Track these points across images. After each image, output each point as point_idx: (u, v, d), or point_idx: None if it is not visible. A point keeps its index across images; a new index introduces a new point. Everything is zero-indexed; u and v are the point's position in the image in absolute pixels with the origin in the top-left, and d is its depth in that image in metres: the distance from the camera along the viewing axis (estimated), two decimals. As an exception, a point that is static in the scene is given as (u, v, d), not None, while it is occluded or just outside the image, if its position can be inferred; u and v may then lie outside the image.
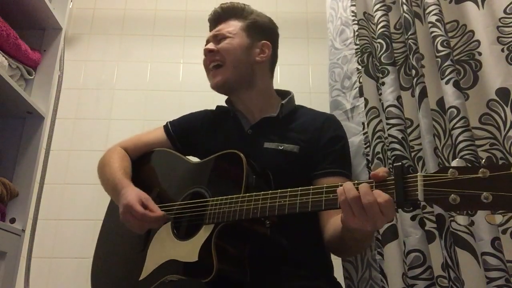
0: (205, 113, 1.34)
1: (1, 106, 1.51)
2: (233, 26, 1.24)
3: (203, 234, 0.96)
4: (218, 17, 1.28)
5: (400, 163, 0.78)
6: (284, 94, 1.30)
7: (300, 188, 0.87)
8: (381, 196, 0.75)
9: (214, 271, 0.88)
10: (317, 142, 1.15)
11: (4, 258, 1.36)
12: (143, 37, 2.39)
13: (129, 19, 2.42)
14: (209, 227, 0.95)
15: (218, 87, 1.22)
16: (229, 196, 0.95)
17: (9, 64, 1.48)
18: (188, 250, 0.96)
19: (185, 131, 1.30)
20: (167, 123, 1.34)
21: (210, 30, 1.29)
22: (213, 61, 1.21)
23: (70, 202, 2.07)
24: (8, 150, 1.55)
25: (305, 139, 1.15)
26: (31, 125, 1.59)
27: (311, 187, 0.85)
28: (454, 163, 0.71)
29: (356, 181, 0.80)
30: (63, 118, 2.16)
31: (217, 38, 1.23)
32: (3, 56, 1.45)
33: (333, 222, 1.03)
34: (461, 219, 0.71)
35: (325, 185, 0.84)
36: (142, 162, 1.28)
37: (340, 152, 1.17)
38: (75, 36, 2.37)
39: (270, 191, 0.90)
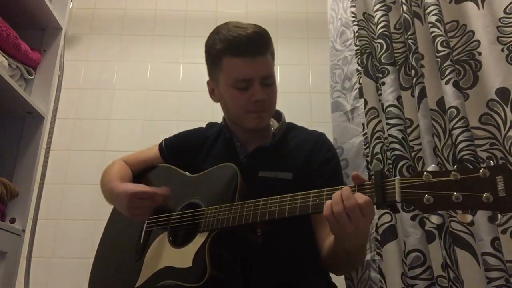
0: (199, 133, 1.35)
1: (1, 106, 1.51)
2: (271, 64, 1.18)
3: (198, 240, 0.99)
4: (260, 46, 1.13)
5: (379, 169, 0.86)
6: (276, 113, 1.29)
7: (289, 195, 0.92)
8: (361, 197, 0.82)
9: (207, 276, 0.91)
10: (309, 165, 1.16)
11: (4, 258, 1.36)
12: (143, 37, 2.39)
13: (129, 19, 2.43)
14: (204, 234, 0.99)
15: (261, 128, 1.21)
16: (223, 205, 0.99)
17: (9, 64, 1.49)
18: (183, 257, 0.99)
19: (178, 152, 1.31)
20: (162, 141, 1.35)
21: (239, 55, 1.11)
22: (264, 110, 1.17)
23: (70, 202, 2.07)
24: (8, 150, 1.55)
25: (298, 164, 1.17)
26: (31, 125, 1.59)
27: (300, 193, 0.91)
28: (429, 168, 0.76)
29: (340, 187, 0.86)
30: (63, 118, 2.16)
31: (263, 82, 1.14)
32: (3, 56, 1.45)
33: (328, 241, 1.05)
34: (434, 218, 0.78)
35: (312, 191, 0.90)
36: (142, 176, 1.31)
37: (332, 172, 1.18)
38: (75, 36, 2.37)
39: (261, 199, 0.95)
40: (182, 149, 1.31)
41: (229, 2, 2.47)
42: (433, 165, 0.77)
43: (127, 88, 2.30)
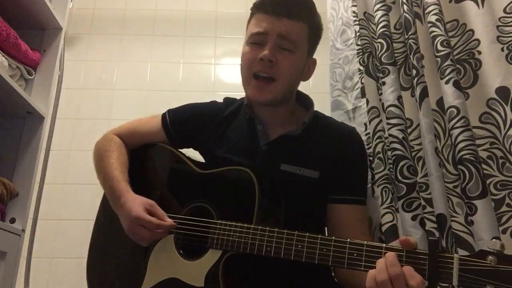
0: (213, 108, 1.20)
1: (1, 106, 1.51)
2: (301, 33, 1.06)
3: (210, 258, 0.93)
4: (291, 8, 1.05)
5: (436, 238, 0.75)
6: (304, 99, 1.20)
7: (320, 236, 0.82)
8: (413, 277, 0.70)
9: None
10: (338, 164, 1.07)
11: (4, 258, 1.36)
12: (143, 37, 2.39)
13: (129, 19, 2.42)
14: (216, 252, 0.93)
15: (263, 103, 1.09)
16: (239, 224, 0.91)
17: (9, 64, 1.48)
18: (193, 272, 0.94)
19: (185, 126, 1.18)
20: (165, 112, 1.23)
21: (265, 12, 1.05)
22: (267, 73, 1.04)
23: (70, 202, 2.07)
24: (8, 150, 1.55)
25: (326, 162, 1.06)
26: (31, 125, 1.59)
27: (333, 238, 0.81)
28: (492, 245, 0.68)
29: (385, 247, 0.76)
30: (63, 118, 2.16)
31: (280, 42, 1.04)
32: (3, 56, 1.45)
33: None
34: None
35: (348, 240, 0.80)
36: (141, 157, 1.19)
37: (360, 175, 1.11)
38: (75, 36, 2.37)
39: (285, 231, 0.85)
40: (192, 126, 1.17)
41: (229, 2, 2.47)
42: (494, 239, 0.69)
43: (127, 88, 2.30)
